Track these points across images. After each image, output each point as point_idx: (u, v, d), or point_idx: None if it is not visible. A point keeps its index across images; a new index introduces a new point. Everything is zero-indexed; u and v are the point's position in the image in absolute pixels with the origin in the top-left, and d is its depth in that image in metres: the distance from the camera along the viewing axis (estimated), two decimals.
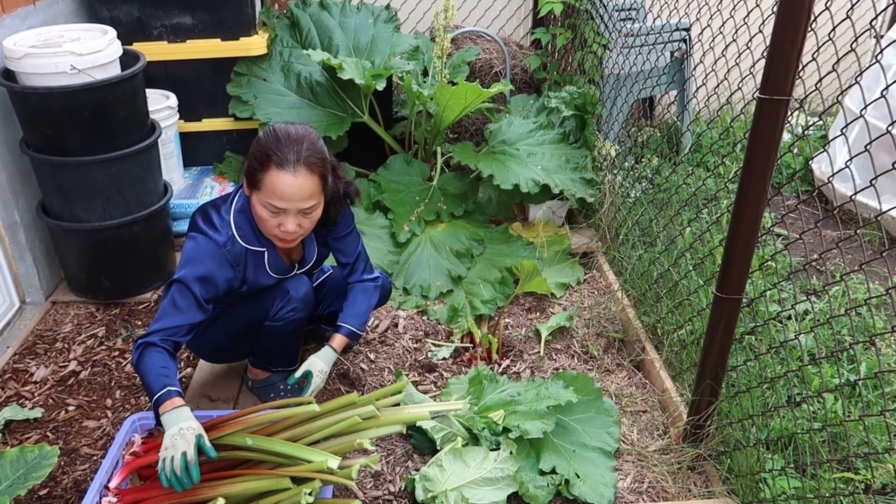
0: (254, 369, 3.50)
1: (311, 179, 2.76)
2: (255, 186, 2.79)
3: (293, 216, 2.81)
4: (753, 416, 3.10)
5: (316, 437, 2.73)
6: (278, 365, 3.43)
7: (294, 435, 2.73)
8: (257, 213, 2.84)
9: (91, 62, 3.66)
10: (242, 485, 2.61)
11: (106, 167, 3.82)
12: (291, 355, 3.41)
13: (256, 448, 2.65)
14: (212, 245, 2.88)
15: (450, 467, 2.96)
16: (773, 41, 2.44)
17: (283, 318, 3.16)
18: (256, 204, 2.82)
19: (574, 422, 3.31)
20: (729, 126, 3.73)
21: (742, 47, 3.43)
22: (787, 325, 3.96)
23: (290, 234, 2.87)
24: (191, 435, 2.58)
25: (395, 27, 5.28)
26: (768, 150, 2.57)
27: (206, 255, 2.87)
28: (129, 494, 2.71)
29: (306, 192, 2.77)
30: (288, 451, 2.62)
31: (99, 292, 4.18)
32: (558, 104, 5.00)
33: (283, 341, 3.28)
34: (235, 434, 2.70)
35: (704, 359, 3.04)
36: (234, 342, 3.27)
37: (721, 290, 2.86)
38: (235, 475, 2.67)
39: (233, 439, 2.69)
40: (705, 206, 4.44)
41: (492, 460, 2.98)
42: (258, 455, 2.68)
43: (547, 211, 4.91)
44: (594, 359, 3.89)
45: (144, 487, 2.74)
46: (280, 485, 2.57)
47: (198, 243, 2.89)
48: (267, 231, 2.89)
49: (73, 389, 3.61)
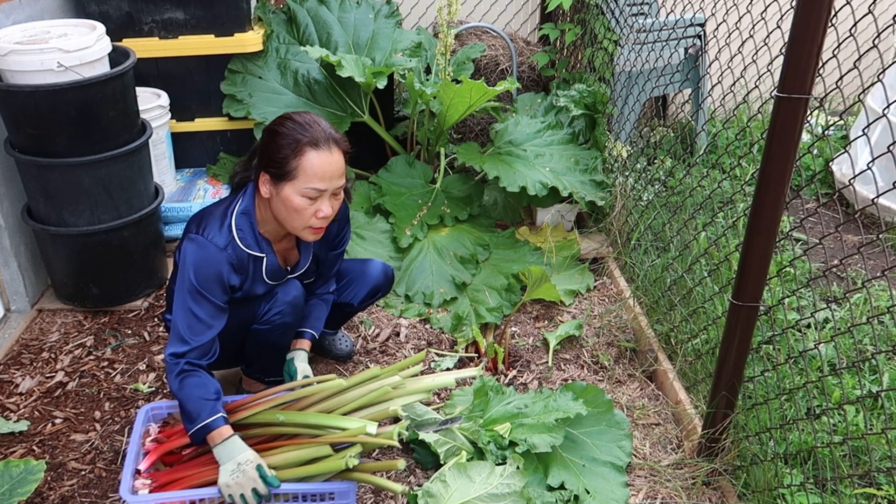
0: (248, 380, 3.51)
1: (341, 156, 2.87)
2: (287, 178, 2.81)
3: (328, 198, 2.87)
4: (771, 429, 3.10)
5: (347, 409, 2.92)
6: (269, 374, 3.43)
7: (325, 408, 2.93)
8: (293, 206, 2.84)
9: (79, 59, 3.66)
10: (283, 455, 2.81)
11: (94, 169, 3.83)
12: (281, 364, 3.41)
13: (289, 423, 2.86)
14: (213, 247, 2.89)
15: (454, 483, 2.95)
16: (792, 37, 2.45)
17: (270, 321, 3.18)
18: (291, 196, 2.82)
19: (584, 435, 3.31)
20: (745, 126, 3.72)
21: (759, 43, 3.43)
22: (807, 333, 3.95)
23: (327, 219, 2.91)
24: (252, 470, 2.73)
25: (397, 23, 5.29)
26: (787, 151, 2.57)
27: (211, 256, 2.89)
28: (162, 477, 2.87)
29: (341, 169, 2.86)
30: (323, 421, 2.84)
31: (87, 300, 4.18)
32: (567, 103, 5.01)
33: (271, 346, 3.30)
34: (266, 412, 2.90)
35: (720, 369, 3.05)
36: (222, 347, 3.28)
37: (737, 298, 2.86)
38: (274, 447, 2.86)
39: (264, 417, 2.89)
40: (721, 210, 4.44)
41: (498, 475, 2.97)
42: (291, 429, 2.87)
43: (555, 215, 4.92)
44: (605, 369, 3.89)
45: (175, 470, 2.90)
46: (321, 452, 2.77)
47: (199, 245, 2.89)
48: (301, 223, 2.90)
49: (60, 401, 3.61)
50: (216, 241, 2.89)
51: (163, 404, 3.18)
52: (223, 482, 2.71)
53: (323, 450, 2.78)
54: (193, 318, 2.86)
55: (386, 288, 3.68)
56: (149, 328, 4.08)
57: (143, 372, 3.79)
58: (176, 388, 2.83)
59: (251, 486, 2.70)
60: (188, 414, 2.80)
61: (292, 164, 2.79)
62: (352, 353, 3.89)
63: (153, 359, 3.86)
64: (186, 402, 2.80)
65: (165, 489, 2.83)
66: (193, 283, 2.85)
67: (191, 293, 2.86)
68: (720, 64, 3.95)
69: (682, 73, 5.71)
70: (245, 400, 3.00)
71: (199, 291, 2.85)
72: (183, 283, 2.87)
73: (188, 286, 2.86)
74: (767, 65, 3.38)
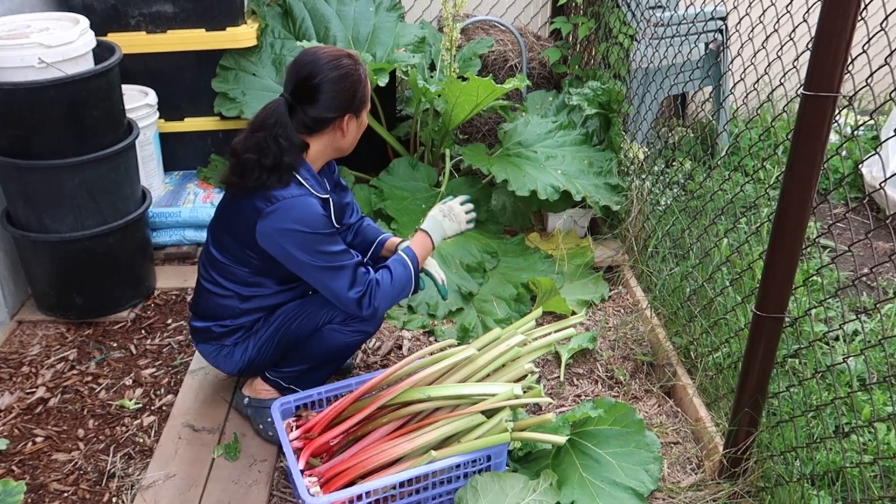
0: (260, 384, 3.51)
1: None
2: (364, 105, 3.17)
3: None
4: (797, 447, 3.10)
5: (484, 374, 3.24)
6: (297, 384, 3.45)
7: (463, 377, 3.22)
8: (364, 124, 3.23)
9: (61, 55, 3.68)
10: (440, 429, 3.04)
11: (78, 172, 3.84)
12: (317, 380, 3.46)
13: (438, 397, 3.10)
14: (293, 198, 3.05)
15: (485, 492, 3.00)
16: (819, 32, 2.45)
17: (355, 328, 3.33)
18: (364, 118, 3.21)
19: (610, 455, 3.30)
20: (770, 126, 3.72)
21: (784, 38, 3.44)
22: (835, 346, 3.95)
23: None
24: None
25: (399, 16, 5.30)
26: (813, 152, 2.57)
27: (299, 202, 3.05)
28: (326, 472, 3.02)
29: None
30: (472, 391, 3.11)
31: (70, 310, 4.19)
32: (580, 102, 5.01)
33: (327, 355, 3.38)
34: (408, 392, 3.12)
35: (743, 384, 3.05)
36: (281, 347, 3.38)
37: (761, 309, 2.86)
38: (426, 423, 3.10)
39: (410, 395, 3.12)
40: (744, 215, 4.45)
41: (531, 490, 3.02)
42: (440, 403, 3.12)
43: (568, 220, 4.92)
44: (620, 384, 3.90)
45: (336, 464, 3.04)
46: (475, 421, 3.04)
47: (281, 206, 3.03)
48: (355, 142, 3.25)
49: (42, 418, 3.62)
50: (291, 193, 3.05)
51: (289, 398, 3.30)
52: (449, 228, 3.44)
53: (477, 419, 3.04)
54: (336, 256, 3.08)
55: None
56: (135, 341, 4.09)
57: (130, 387, 3.79)
58: (386, 291, 3.17)
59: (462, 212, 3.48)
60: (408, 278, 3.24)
61: (364, 91, 3.14)
62: (352, 367, 3.90)
63: (140, 373, 3.87)
64: (398, 279, 3.21)
65: (332, 483, 2.98)
66: (306, 230, 3.02)
67: (313, 241, 3.04)
68: (743, 60, 3.95)
69: (702, 70, 5.72)
70: (379, 379, 3.21)
71: (316, 234, 3.04)
72: (300, 243, 3.03)
73: (305, 239, 3.03)
74: (793, 61, 3.38)
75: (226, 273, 3.25)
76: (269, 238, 3.04)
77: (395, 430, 3.13)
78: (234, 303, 3.29)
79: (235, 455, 3.37)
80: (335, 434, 3.10)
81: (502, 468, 3.14)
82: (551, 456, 3.25)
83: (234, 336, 3.34)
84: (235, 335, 3.34)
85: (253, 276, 3.24)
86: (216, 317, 3.34)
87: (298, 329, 3.30)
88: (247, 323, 3.33)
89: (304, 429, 3.16)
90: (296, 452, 3.06)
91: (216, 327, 3.35)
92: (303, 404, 3.34)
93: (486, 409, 3.06)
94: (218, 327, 3.34)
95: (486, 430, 3.03)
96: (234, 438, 3.45)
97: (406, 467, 2.97)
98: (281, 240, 3.03)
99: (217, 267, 3.27)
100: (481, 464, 3.07)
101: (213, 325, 3.35)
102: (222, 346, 3.37)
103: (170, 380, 3.84)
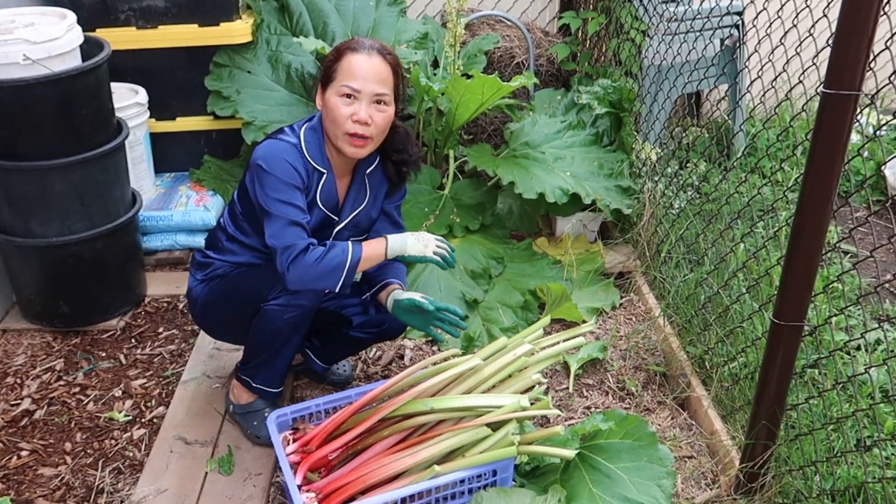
0: (237, 387, 3.55)
1: (385, 67, 3.15)
2: (330, 80, 3.14)
3: (367, 104, 3.12)
4: (817, 462, 3.10)
5: (489, 385, 3.20)
6: (260, 381, 3.47)
7: (466, 388, 3.19)
8: (331, 106, 3.13)
9: (47, 51, 3.69)
10: (443, 443, 3.03)
11: (65, 173, 3.85)
12: (276, 371, 3.47)
13: (440, 409, 3.09)
14: (281, 142, 3.17)
15: None
16: (840, 27, 2.46)
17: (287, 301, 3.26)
18: (331, 97, 3.13)
19: (621, 470, 3.28)
20: (788, 125, 3.73)
21: (804, 34, 3.44)
22: (856, 356, 3.95)
23: (364, 125, 3.13)
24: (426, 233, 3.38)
25: (401, 11, 5.31)
26: (834, 153, 2.58)
27: (280, 146, 3.16)
28: (325, 487, 3.02)
29: (382, 74, 3.14)
30: (477, 402, 3.10)
31: (56, 319, 4.19)
32: (590, 100, 5.02)
33: (276, 339, 3.34)
34: (412, 402, 3.11)
35: (760, 396, 3.05)
36: (230, 303, 3.39)
37: (779, 317, 2.86)
38: (429, 437, 3.09)
39: (412, 407, 3.10)
40: (761, 219, 4.44)
41: None
42: (442, 415, 3.11)
43: (577, 224, 4.93)
44: (632, 396, 3.90)
45: (338, 478, 3.05)
46: (480, 434, 3.03)
47: (267, 143, 3.18)
48: (339, 129, 3.14)
49: (27, 431, 3.62)
50: (285, 139, 3.19)
51: (286, 410, 3.33)
52: (412, 247, 3.30)
53: (482, 432, 3.03)
54: (284, 205, 3.09)
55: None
56: (125, 350, 4.10)
57: (119, 399, 3.80)
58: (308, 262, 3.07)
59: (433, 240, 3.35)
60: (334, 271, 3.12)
61: (333, 67, 3.13)
62: (350, 379, 3.91)
63: (130, 384, 3.87)
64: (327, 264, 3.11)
65: (331, 499, 2.99)
66: (267, 170, 3.08)
67: (269, 184, 3.09)
68: (760, 57, 3.96)
69: (717, 67, 5.72)
70: (380, 390, 3.21)
71: (275, 177, 3.09)
72: (260, 181, 3.11)
73: (265, 179, 3.09)
74: (813, 57, 3.38)
75: (231, 206, 3.40)
76: (250, 170, 3.18)
77: (396, 444, 3.11)
78: (221, 235, 3.41)
79: (229, 469, 3.38)
80: (334, 448, 3.10)
81: (508, 483, 3.14)
82: (560, 470, 3.24)
83: (205, 271, 3.42)
84: (206, 271, 3.42)
85: (242, 219, 3.33)
86: (207, 243, 3.50)
87: (247, 289, 3.31)
88: (218, 263, 3.39)
89: (302, 442, 3.16)
90: (293, 467, 3.06)
91: (199, 255, 3.49)
92: (300, 416, 3.34)
93: (491, 422, 3.05)
94: (200, 255, 3.48)
95: (491, 444, 3.02)
96: (228, 452, 3.45)
97: (408, 482, 2.97)
98: (249, 172, 3.17)
99: (231, 201, 3.42)
100: (486, 479, 3.07)
101: (199, 252, 3.50)
102: (194, 279, 3.46)
103: (161, 391, 3.84)
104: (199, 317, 3.57)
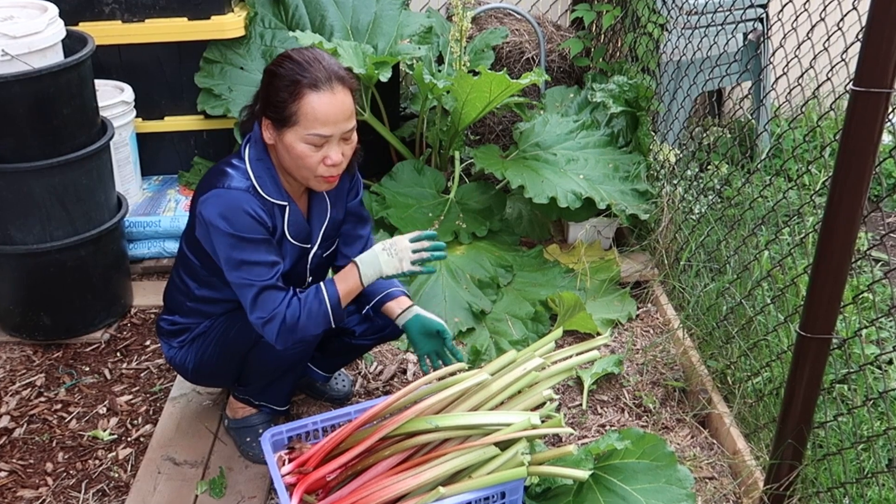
0: (235, 403, 3.56)
1: (348, 95, 3.00)
2: (287, 123, 2.95)
3: (336, 143, 3.00)
4: (846, 483, 3.10)
5: (497, 401, 3.21)
6: (264, 398, 3.49)
7: (474, 405, 3.19)
8: (297, 153, 2.98)
9: (27, 46, 3.70)
10: (449, 463, 3.02)
11: (46, 176, 3.85)
12: (282, 391, 3.49)
13: (446, 427, 3.07)
14: (234, 191, 3.03)
15: None
16: (871, 20, 2.46)
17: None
18: (294, 143, 2.96)
19: (638, 492, 3.28)
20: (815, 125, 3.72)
21: (832, 28, 3.44)
22: (888, 371, 3.95)
23: (337, 167, 3.04)
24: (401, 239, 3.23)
25: (403, 3, 5.30)
26: (864, 155, 2.58)
27: (234, 196, 3.01)
28: None
29: (348, 110, 3.00)
30: (485, 420, 3.10)
31: (37, 331, 4.20)
32: (605, 99, 5.02)
33: (279, 369, 3.36)
34: (413, 421, 3.09)
35: (786, 413, 3.05)
36: (224, 358, 3.36)
37: (806, 329, 2.87)
38: (434, 456, 3.07)
39: (416, 425, 3.09)
40: (786, 225, 4.45)
41: None
42: (448, 433, 3.10)
43: (591, 230, 4.93)
44: (649, 413, 3.90)
45: (337, 500, 3.06)
46: (488, 453, 3.01)
47: (217, 195, 3.02)
48: (309, 172, 3.03)
49: (6, 451, 3.63)
50: (235, 185, 3.04)
51: (281, 428, 3.31)
52: (386, 266, 3.16)
53: (489, 451, 3.01)
54: (250, 267, 3.00)
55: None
56: (110, 364, 4.10)
57: (104, 416, 3.81)
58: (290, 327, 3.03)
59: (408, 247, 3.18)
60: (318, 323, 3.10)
61: (292, 109, 2.92)
62: (350, 395, 3.91)
63: (115, 401, 3.88)
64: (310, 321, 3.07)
65: None
66: (228, 230, 2.98)
67: (231, 245, 3.00)
68: (785, 52, 3.96)
69: (740, 64, 5.73)
70: (381, 407, 3.19)
71: (238, 237, 2.99)
72: (220, 242, 3.00)
73: (226, 241, 2.99)
74: (841, 53, 3.39)
75: (186, 264, 3.31)
76: (201, 226, 3.08)
77: (398, 464, 3.10)
78: (182, 298, 3.36)
79: (221, 491, 3.38)
80: (332, 468, 3.08)
81: None
82: (573, 492, 3.24)
83: (180, 337, 3.39)
84: (181, 336, 3.38)
85: (207, 275, 3.26)
86: (168, 309, 3.43)
87: (238, 338, 3.28)
88: (191, 325, 3.37)
89: (298, 462, 3.15)
90: (288, 489, 3.05)
91: (165, 323, 3.43)
92: (296, 435, 3.34)
93: (499, 441, 3.03)
94: (166, 323, 3.42)
95: (499, 464, 3.01)
96: (219, 473, 3.46)
97: None
98: (201, 228, 3.08)
99: (182, 256, 3.33)
100: (495, 501, 3.06)
101: (163, 320, 3.44)
102: (170, 347, 3.43)
103: (148, 408, 3.85)
104: (194, 381, 3.59)
